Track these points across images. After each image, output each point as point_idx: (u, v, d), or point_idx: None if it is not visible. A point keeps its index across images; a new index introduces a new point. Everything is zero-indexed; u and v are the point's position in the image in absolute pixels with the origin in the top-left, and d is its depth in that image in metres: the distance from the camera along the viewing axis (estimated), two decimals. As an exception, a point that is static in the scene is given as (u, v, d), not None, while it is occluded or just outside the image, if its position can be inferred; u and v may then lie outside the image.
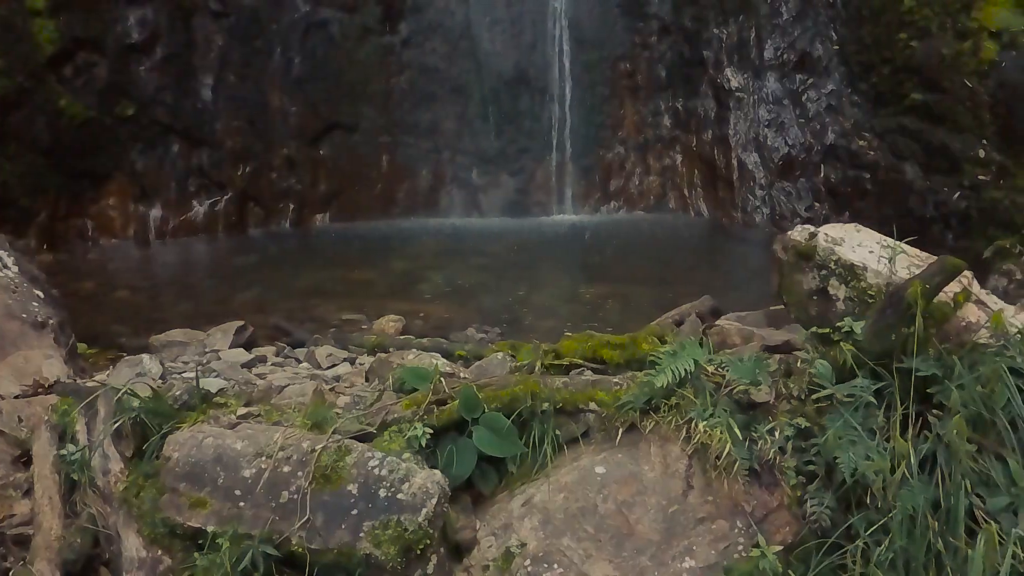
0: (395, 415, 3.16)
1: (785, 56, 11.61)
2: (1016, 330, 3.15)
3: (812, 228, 3.80)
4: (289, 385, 3.76)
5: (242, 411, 3.30)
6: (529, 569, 3.01)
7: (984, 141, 9.46)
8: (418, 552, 2.74)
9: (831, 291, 3.61)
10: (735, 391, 3.49)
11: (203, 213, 10.41)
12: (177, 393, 3.27)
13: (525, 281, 8.63)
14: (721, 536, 3.07)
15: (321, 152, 11.20)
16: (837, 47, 11.29)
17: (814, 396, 3.25)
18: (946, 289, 3.37)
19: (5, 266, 4.89)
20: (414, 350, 4.60)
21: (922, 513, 2.81)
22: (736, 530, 3.10)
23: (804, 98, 11.50)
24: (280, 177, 10.95)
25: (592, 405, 3.56)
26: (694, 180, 12.32)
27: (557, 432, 3.54)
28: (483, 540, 3.23)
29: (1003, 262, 8.50)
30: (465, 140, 11.88)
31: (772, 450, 3.24)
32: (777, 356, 3.64)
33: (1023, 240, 8.41)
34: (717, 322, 4.73)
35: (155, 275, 8.87)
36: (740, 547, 3.08)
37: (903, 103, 10.18)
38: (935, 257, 3.63)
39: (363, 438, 3.05)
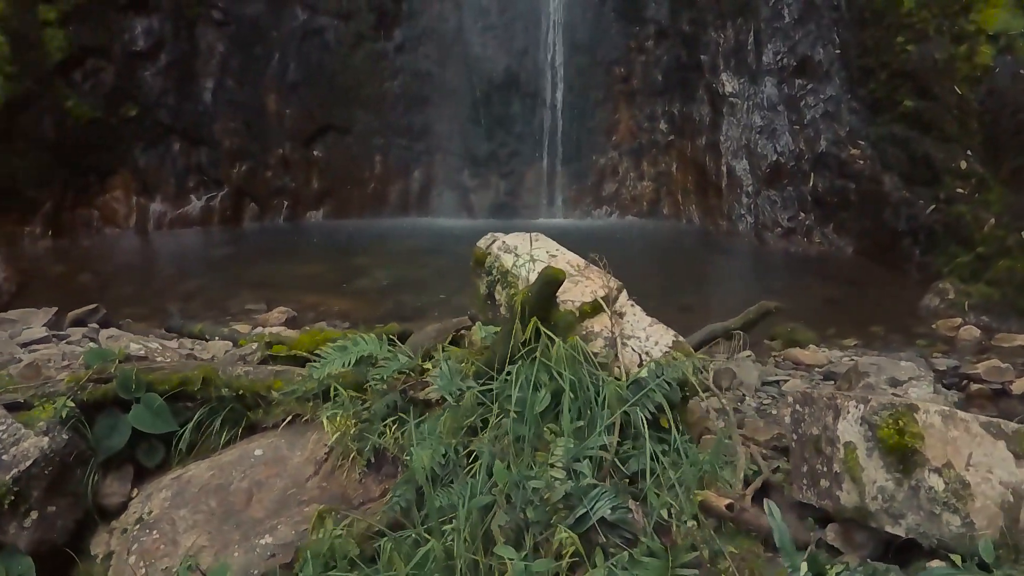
0: (54, 389, 3.56)
1: (785, 60, 11.29)
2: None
3: (498, 235, 3.93)
4: (49, 360, 4.24)
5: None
6: (135, 533, 3.35)
7: (969, 152, 8.98)
8: (7, 506, 3.12)
9: (496, 296, 3.74)
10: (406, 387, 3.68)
11: (199, 207, 11.25)
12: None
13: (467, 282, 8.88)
14: (310, 515, 3.29)
15: (315, 153, 11.84)
16: (839, 51, 10.91)
17: (424, 392, 3.41)
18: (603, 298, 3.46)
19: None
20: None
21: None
22: (333, 513, 3.31)
23: (802, 104, 11.15)
24: (275, 175, 11.66)
25: (273, 393, 3.84)
26: (688, 186, 12.17)
27: (249, 415, 3.86)
28: (132, 506, 3.59)
29: (945, 281, 8.09)
30: (456, 143, 12.24)
31: (392, 443, 3.43)
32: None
33: (965, 263, 7.96)
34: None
35: (127, 262, 9.70)
36: (338, 526, 3.29)
37: (897, 110, 9.77)
38: (598, 269, 3.70)
39: (16, 406, 3.47)
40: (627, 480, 2.85)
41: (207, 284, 8.60)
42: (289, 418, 3.73)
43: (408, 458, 3.14)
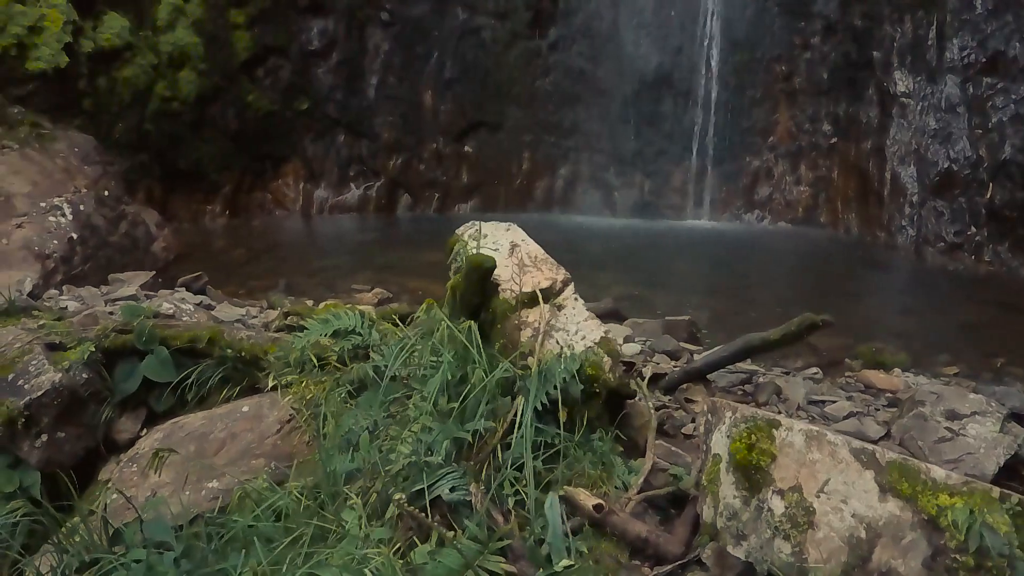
0: (86, 335, 4.13)
1: (972, 56, 10.19)
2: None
3: (476, 223, 3.99)
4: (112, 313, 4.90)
5: (37, 324, 4.50)
6: (123, 463, 3.82)
7: None
8: (20, 426, 3.70)
9: (461, 281, 3.81)
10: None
11: (358, 196, 12.14)
12: (5, 305, 4.57)
13: (577, 279, 8.90)
14: (257, 468, 3.57)
15: (466, 148, 12.33)
16: (1038, 46, 9.68)
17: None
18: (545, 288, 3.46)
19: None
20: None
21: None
22: (272, 466, 3.58)
23: (988, 105, 9.99)
24: (428, 168, 12.30)
25: (270, 357, 4.19)
26: (848, 193, 11.28)
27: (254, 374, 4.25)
28: (137, 444, 4.09)
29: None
30: (604, 140, 12.21)
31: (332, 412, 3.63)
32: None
33: None
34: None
35: (281, 241, 10.68)
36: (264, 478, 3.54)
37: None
38: (552, 263, 3.68)
39: (55, 347, 4.07)
40: (510, 466, 2.83)
41: (337, 264, 9.30)
42: (282, 381, 4.06)
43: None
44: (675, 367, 5.00)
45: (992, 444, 4.18)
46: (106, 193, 7.78)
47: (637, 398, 3.33)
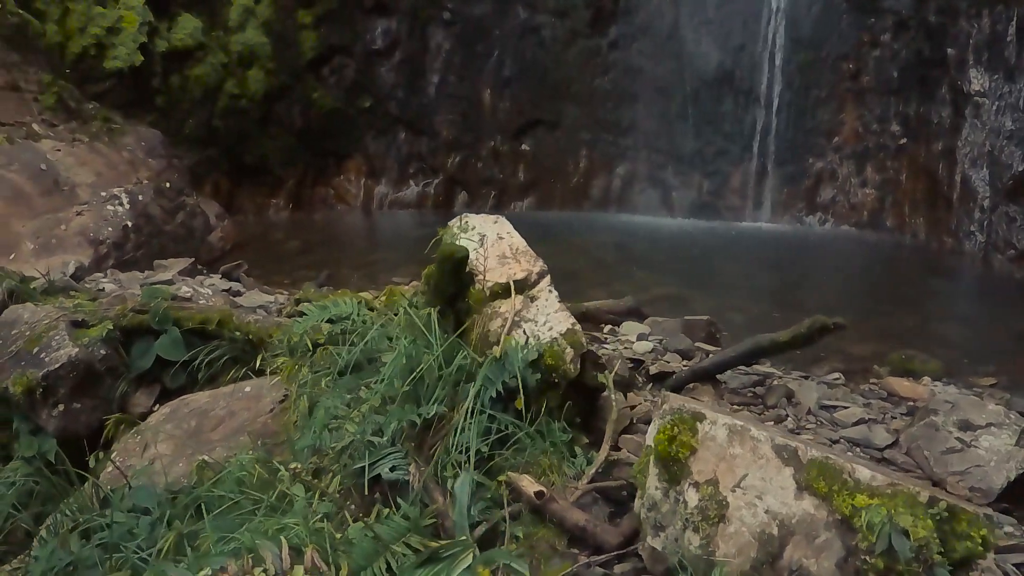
0: (108, 314, 4.40)
1: (1054, 54, 9.64)
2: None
3: (467, 216, 4.05)
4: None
5: (72, 303, 4.82)
6: (136, 436, 4.05)
7: None
8: (39, 396, 3.98)
9: (447, 270, 3.87)
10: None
11: (416, 192, 12.39)
12: (45, 285, 4.92)
13: (620, 275, 8.87)
14: (246, 444, 3.73)
15: (523, 146, 12.41)
16: None
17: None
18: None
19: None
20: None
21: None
22: (259, 443, 3.73)
23: (1072, 105, 9.45)
24: (485, 166, 12.44)
25: (274, 339, 4.37)
26: (916, 197, 10.82)
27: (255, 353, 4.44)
28: (152, 417, 4.33)
29: None
30: (663, 140, 12.07)
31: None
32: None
33: None
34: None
35: (337, 234, 11.01)
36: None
37: None
38: (531, 255, 3.72)
39: (79, 324, 4.36)
40: (458, 451, 2.89)
41: (386, 258, 9.53)
42: (272, 364, 4.23)
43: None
44: (685, 366, 4.95)
45: (1004, 458, 3.99)
46: (167, 185, 8.20)
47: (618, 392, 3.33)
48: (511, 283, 3.43)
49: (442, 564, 2.08)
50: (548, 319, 3.31)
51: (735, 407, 4.69)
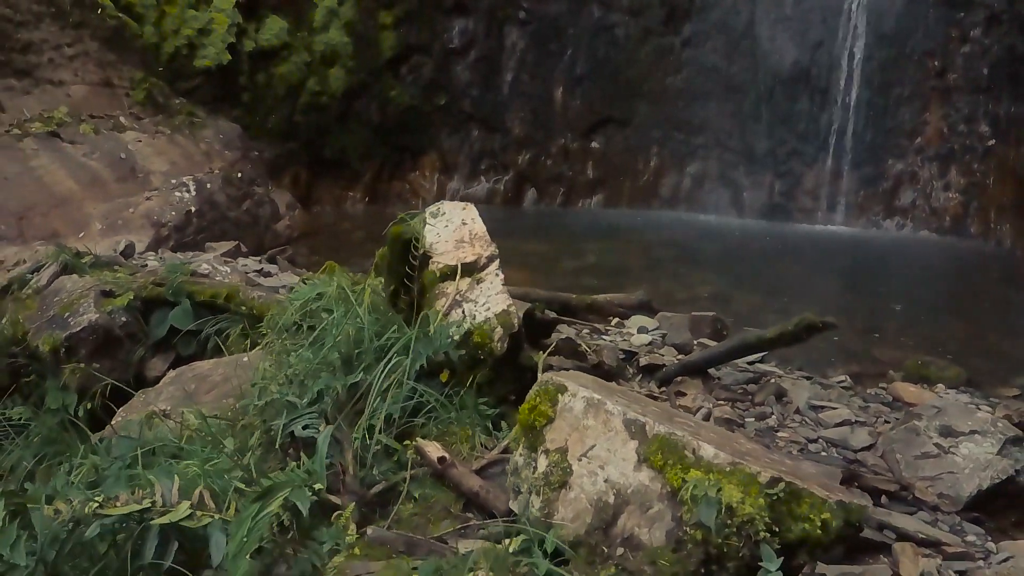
0: (131, 286, 4.85)
1: None
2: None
3: (442, 203, 4.23)
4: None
5: (113, 276, 5.33)
6: (142, 396, 4.47)
7: None
8: (63, 355, 4.45)
9: (415, 252, 4.08)
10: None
11: (487, 188, 12.67)
12: (93, 260, 5.46)
13: (669, 274, 8.84)
14: (228, 406, 4.05)
15: (593, 144, 12.47)
16: None
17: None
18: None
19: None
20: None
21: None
22: (236, 405, 4.05)
23: None
24: (555, 163, 12.58)
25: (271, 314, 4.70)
26: (1003, 202, 10.21)
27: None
28: (163, 381, 4.75)
29: None
30: (735, 139, 11.87)
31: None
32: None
33: None
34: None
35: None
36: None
37: None
38: (487, 241, 3.88)
39: (108, 294, 4.83)
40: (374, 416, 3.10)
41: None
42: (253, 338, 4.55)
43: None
44: (678, 360, 4.97)
45: (981, 466, 3.85)
46: (239, 175, 8.80)
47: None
48: (459, 265, 3.59)
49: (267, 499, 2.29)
50: (488, 300, 3.46)
51: (720, 402, 4.69)
